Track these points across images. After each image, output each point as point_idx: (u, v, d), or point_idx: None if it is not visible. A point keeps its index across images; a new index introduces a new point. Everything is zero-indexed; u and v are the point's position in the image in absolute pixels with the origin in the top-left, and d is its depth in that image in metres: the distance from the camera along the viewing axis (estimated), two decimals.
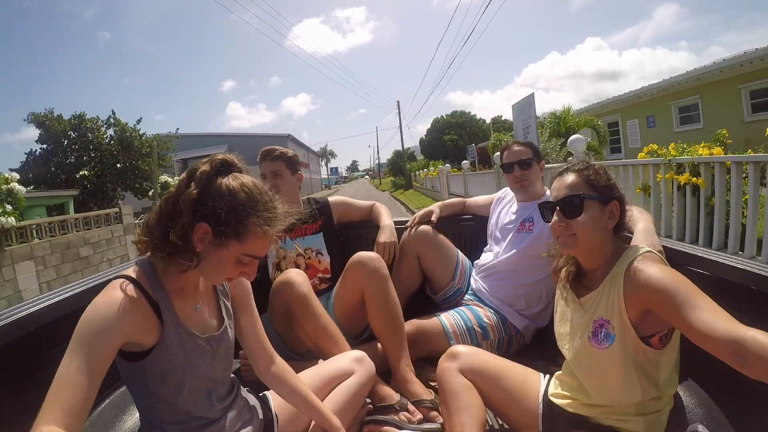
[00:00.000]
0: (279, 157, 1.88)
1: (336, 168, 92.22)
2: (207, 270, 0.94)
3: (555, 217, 1.12)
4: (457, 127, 32.15)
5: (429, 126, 35.72)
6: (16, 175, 7.67)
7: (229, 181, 0.91)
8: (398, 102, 40.48)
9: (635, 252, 1.05)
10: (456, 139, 30.78)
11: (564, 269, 1.22)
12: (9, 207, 6.97)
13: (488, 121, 34.95)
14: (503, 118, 35.97)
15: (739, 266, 1.12)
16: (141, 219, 10.10)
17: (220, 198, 0.89)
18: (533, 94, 7.49)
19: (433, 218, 2.02)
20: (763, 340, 0.74)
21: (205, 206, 0.88)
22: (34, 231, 7.65)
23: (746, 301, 1.08)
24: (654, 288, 0.94)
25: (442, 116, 34.33)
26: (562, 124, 9.04)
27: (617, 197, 1.11)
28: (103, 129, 14.78)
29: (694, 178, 3.96)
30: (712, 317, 0.82)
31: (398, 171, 37.41)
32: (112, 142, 14.65)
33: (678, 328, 0.92)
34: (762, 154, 3.43)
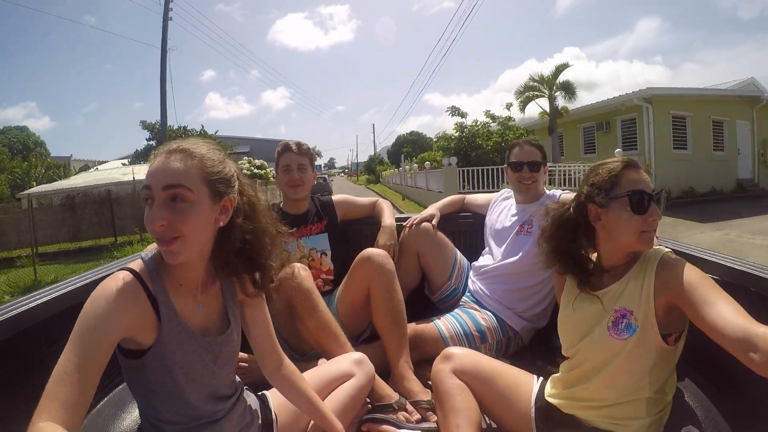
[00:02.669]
0: (306, 152, 1.91)
1: (320, 166, 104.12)
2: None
3: None
4: (412, 142, 46.36)
5: (394, 140, 50.89)
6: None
7: None
8: (373, 125, 57.88)
9: (660, 251, 1.07)
10: (410, 152, 44.62)
11: (579, 261, 1.21)
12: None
13: (435, 139, 49.53)
14: (447, 132, 50.75)
15: (737, 267, 1.13)
16: None
17: None
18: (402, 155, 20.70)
19: (434, 222, 1.98)
20: None
21: None
22: None
23: (744, 301, 1.08)
24: (683, 282, 0.96)
25: (403, 134, 49.46)
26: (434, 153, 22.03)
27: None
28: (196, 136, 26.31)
29: None
30: (729, 314, 0.83)
31: (371, 171, 51.55)
32: None
33: (695, 322, 0.93)
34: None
